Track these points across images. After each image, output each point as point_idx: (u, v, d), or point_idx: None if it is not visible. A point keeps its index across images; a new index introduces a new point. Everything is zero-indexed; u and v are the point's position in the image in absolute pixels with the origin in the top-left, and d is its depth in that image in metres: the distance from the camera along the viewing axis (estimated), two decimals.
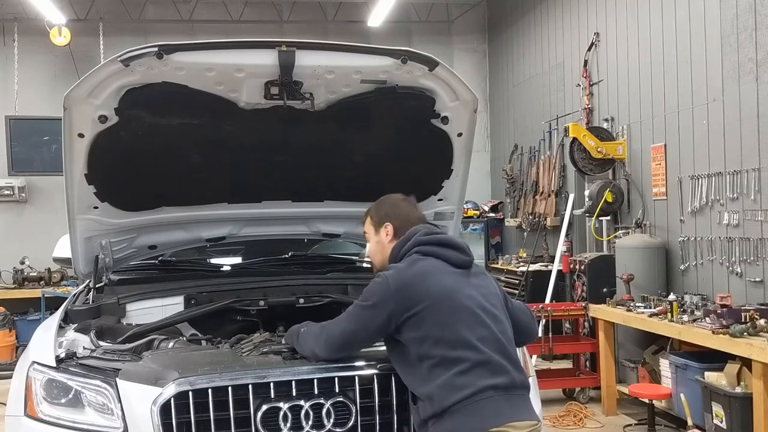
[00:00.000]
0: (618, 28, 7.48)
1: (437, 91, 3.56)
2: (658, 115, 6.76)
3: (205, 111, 3.52)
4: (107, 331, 3.48)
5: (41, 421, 2.92)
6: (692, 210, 6.21)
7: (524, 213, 9.52)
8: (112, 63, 3.16)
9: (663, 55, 6.67)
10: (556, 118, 8.77)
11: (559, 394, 6.89)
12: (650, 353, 6.33)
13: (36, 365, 3.04)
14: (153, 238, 4.22)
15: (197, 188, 4.00)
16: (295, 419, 2.80)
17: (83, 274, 4.11)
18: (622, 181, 7.30)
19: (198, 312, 3.85)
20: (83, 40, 10.04)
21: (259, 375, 2.81)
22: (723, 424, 4.92)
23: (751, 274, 5.57)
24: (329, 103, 3.54)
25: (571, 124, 7.35)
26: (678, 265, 6.43)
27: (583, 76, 8.04)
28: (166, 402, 2.72)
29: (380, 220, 3.02)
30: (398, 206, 3.04)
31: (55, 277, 9.52)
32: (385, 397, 2.87)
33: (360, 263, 5.16)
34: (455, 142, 3.80)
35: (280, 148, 3.84)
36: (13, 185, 9.88)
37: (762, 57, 5.42)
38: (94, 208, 3.76)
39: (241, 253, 5.15)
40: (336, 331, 2.80)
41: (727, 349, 4.79)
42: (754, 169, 5.50)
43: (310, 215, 4.40)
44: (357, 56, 3.41)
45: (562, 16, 8.75)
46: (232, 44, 3.27)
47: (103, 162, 3.52)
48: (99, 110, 3.31)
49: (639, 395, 5.90)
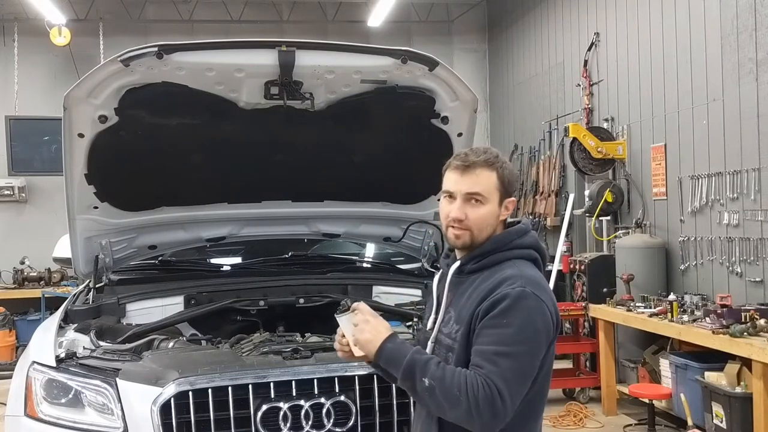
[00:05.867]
0: (618, 28, 7.47)
1: (437, 91, 3.56)
2: (658, 115, 6.76)
3: (205, 111, 3.52)
4: (107, 331, 3.48)
5: (41, 421, 2.92)
6: (692, 210, 6.20)
7: (524, 213, 9.51)
8: (112, 63, 3.16)
9: (663, 55, 6.67)
10: (556, 118, 8.77)
11: (559, 394, 6.89)
12: (650, 353, 6.33)
13: (36, 365, 3.05)
14: (153, 238, 4.22)
15: (197, 188, 4.00)
16: (295, 419, 2.80)
17: (83, 274, 4.11)
18: (622, 181, 7.29)
19: (198, 312, 3.85)
20: (83, 40, 10.03)
21: (259, 375, 2.82)
22: (723, 424, 4.92)
23: (751, 274, 5.57)
24: (329, 103, 3.55)
25: (571, 124, 7.35)
26: (678, 265, 6.43)
27: (583, 76, 8.03)
28: (166, 402, 2.73)
29: (509, 189, 2.16)
30: (517, 179, 2.37)
31: (55, 277, 9.51)
32: (385, 397, 2.87)
33: (360, 263, 5.17)
34: (455, 142, 3.80)
35: (280, 148, 3.84)
36: (13, 185, 9.87)
37: (762, 57, 5.42)
38: (94, 208, 3.77)
39: (241, 253, 5.15)
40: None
41: (727, 349, 4.79)
42: (754, 169, 5.50)
43: (310, 215, 4.40)
44: (357, 56, 3.41)
45: (562, 16, 8.75)
46: (232, 44, 3.28)
47: (103, 162, 3.53)
48: (99, 110, 3.32)
49: (639, 395, 5.90)
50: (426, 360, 2.00)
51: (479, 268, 2.11)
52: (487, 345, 1.95)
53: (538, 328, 1.97)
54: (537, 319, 1.98)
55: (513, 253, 2.12)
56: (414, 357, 2.00)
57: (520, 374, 1.95)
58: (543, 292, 2.02)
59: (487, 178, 2.11)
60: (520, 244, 2.13)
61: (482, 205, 2.10)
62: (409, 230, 4.40)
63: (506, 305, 1.96)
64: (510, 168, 2.16)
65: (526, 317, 1.96)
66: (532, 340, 1.96)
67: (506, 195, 2.13)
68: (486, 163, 2.11)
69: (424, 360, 2.00)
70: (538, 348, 1.99)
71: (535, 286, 2.02)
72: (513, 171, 2.17)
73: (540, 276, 2.10)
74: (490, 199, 2.10)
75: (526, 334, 1.95)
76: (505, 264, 2.09)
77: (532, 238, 2.17)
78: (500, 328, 1.95)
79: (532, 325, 1.96)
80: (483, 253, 2.12)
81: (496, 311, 1.97)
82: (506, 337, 1.94)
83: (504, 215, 2.14)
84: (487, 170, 2.11)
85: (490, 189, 2.11)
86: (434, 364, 1.98)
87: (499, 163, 2.13)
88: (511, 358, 1.93)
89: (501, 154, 2.17)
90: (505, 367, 1.92)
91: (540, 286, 2.03)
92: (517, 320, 1.95)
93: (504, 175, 2.12)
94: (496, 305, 1.97)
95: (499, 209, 2.13)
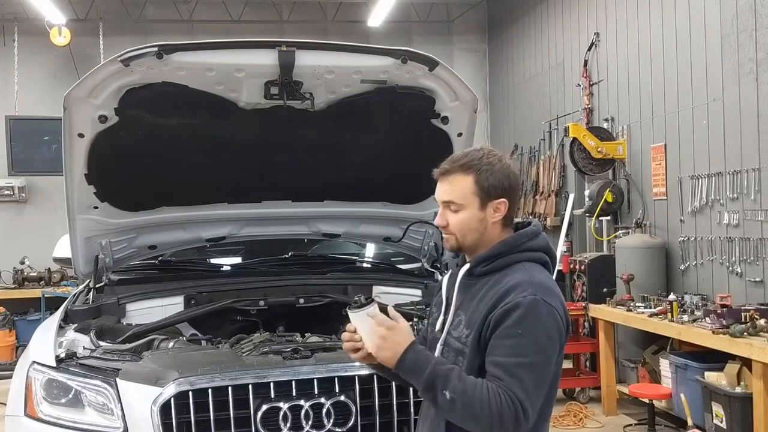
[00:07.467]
0: (618, 28, 7.47)
1: (437, 91, 3.56)
2: (658, 115, 6.76)
3: (205, 111, 3.52)
4: (107, 331, 3.48)
5: (41, 421, 2.92)
6: (692, 210, 6.20)
7: (524, 213, 9.51)
8: (112, 63, 3.16)
9: (663, 55, 6.67)
10: (556, 118, 8.77)
11: (559, 393, 6.86)
12: (650, 353, 6.33)
13: (36, 365, 3.05)
14: (153, 238, 4.22)
15: (197, 188, 4.00)
16: (295, 419, 2.80)
17: (83, 274, 4.11)
18: (622, 181, 7.29)
19: (198, 312, 3.85)
20: (83, 40, 10.03)
21: (259, 375, 2.82)
22: (723, 424, 4.92)
23: (751, 274, 5.57)
24: (329, 103, 3.55)
25: (571, 124, 7.35)
26: (678, 265, 6.43)
27: (583, 76, 8.03)
28: (166, 402, 2.73)
29: (491, 192, 2.09)
30: (514, 177, 2.15)
31: (55, 277, 9.51)
32: (385, 397, 2.87)
33: (360, 263, 5.17)
34: (455, 142, 3.80)
35: (280, 148, 3.84)
36: (13, 185, 9.86)
37: (762, 57, 5.42)
38: (94, 208, 3.77)
39: (241, 253, 5.15)
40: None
41: (727, 349, 4.79)
42: (754, 169, 5.50)
43: (310, 215, 4.40)
44: (357, 56, 3.41)
45: (562, 16, 8.75)
46: (232, 44, 3.28)
47: (103, 162, 3.53)
48: (99, 110, 3.32)
49: (639, 395, 5.90)
50: (447, 372, 1.97)
51: (489, 271, 2.10)
52: (506, 357, 1.95)
53: (551, 335, 1.98)
54: (550, 326, 1.98)
55: (524, 256, 2.10)
56: (436, 369, 1.97)
57: (540, 384, 1.96)
58: (553, 298, 2.02)
59: (461, 185, 2.08)
60: (531, 247, 2.12)
61: (459, 211, 2.09)
62: (409, 230, 4.39)
63: (519, 315, 1.96)
64: (499, 168, 2.09)
65: (540, 326, 1.96)
66: (547, 349, 1.97)
67: (488, 197, 2.08)
68: (462, 167, 2.09)
69: (445, 372, 1.97)
70: (553, 355, 2.00)
71: (546, 292, 2.01)
72: (504, 170, 2.10)
73: (550, 280, 2.09)
74: (467, 205, 2.08)
75: (541, 343, 1.96)
76: (515, 267, 2.07)
77: (543, 240, 2.16)
78: (516, 339, 1.95)
79: (546, 333, 1.97)
80: (493, 256, 2.10)
81: (510, 321, 1.96)
82: (523, 348, 1.94)
83: (495, 217, 2.10)
84: (462, 175, 2.09)
85: (465, 195, 2.08)
86: (455, 377, 1.96)
87: (478, 165, 2.08)
88: (531, 369, 1.93)
89: (490, 155, 2.11)
90: (526, 379, 1.92)
91: (550, 292, 2.03)
92: (532, 329, 1.95)
93: (484, 178, 2.07)
94: (509, 315, 1.97)
95: (483, 212, 2.09)
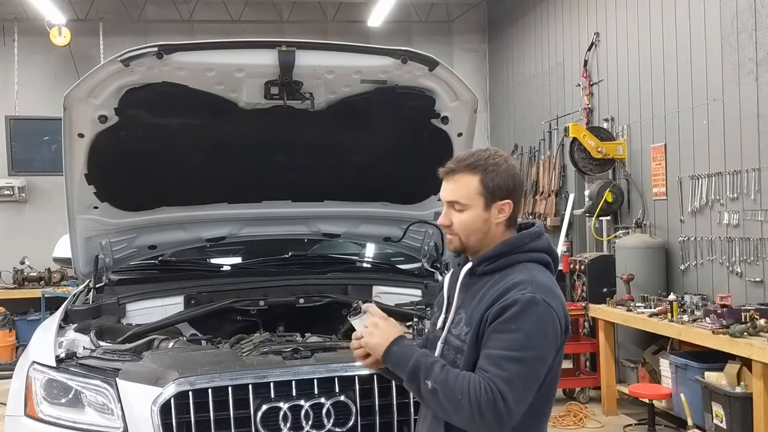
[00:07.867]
0: (618, 28, 7.47)
1: (437, 91, 3.56)
2: (658, 115, 6.76)
3: (205, 111, 3.52)
4: (107, 331, 3.48)
5: (41, 421, 2.92)
6: (692, 210, 6.20)
7: (524, 213, 9.51)
8: (112, 63, 3.16)
9: (663, 55, 6.67)
10: (556, 118, 8.77)
11: (559, 393, 6.87)
12: (650, 353, 6.33)
13: (36, 365, 3.05)
14: (153, 238, 4.22)
15: (197, 188, 4.00)
16: (295, 419, 2.80)
17: (83, 274, 4.11)
18: (622, 181, 7.29)
19: (198, 312, 3.85)
20: (83, 40, 10.03)
21: (259, 375, 2.82)
22: (723, 424, 4.92)
23: (751, 274, 5.57)
24: (329, 103, 3.55)
25: (571, 124, 7.35)
26: (678, 265, 6.43)
27: (583, 76, 8.03)
28: (166, 402, 2.73)
29: (496, 192, 2.08)
30: (519, 178, 2.14)
31: (55, 277, 9.51)
32: (385, 397, 2.87)
33: (360, 263, 5.17)
34: (455, 142, 3.80)
35: (280, 148, 3.84)
36: (13, 185, 9.87)
37: (762, 57, 5.42)
38: (94, 208, 3.77)
39: (241, 253, 5.15)
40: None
41: (727, 349, 4.79)
42: (754, 169, 5.50)
43: (310, 215, 4.40)
44: (357, 56, 3.41)
45: (562, 16, 8.75)
46: (232, 44, 3.28)
47: (103, 162, 3.53)
48: (99, 110, 3.32)
49: (639, 395, 5.90)
50: (431, 363, 1.99)
51: (491, 270, 2.10)
52: (494, 349, 1.94)
53: (547, 334, 1.96)
54: (546, 325, 1.96)
55: (526, 256, 2.09)
56: (419, 360, 1.99)
57: (526, 379, 1.93)
58: (553, 298, 2.00)
59: (466, 184, 2.08)
60: (533, 248, 2.11)
61: (463, 211, 2.08)
62: (409, 230, 4.40)
63: (516, 311, 1.94)
64: (505, 169, 2.09)
65: (535, 323, 1.94)
66: (540, 347, 1.95)
67: (494, 198, 2.07)
68: (468, 167, 2.08)
69: (429, 363, 1.99)
70: (546, 354, 1.98)
71: (546, 292, 2.00)
72: (509, 171, 2.09)
73: (551, 280, 2.08)
74: (472, 205, 2.07)
75: (534, 341, 1.94)
76: (517, 267, 2.07)
77: (545, 241, 2.15)
78: (509, 333, 1.94)
79: (541, 332, 1.95)
80: (495, 255, 2.10)
81: (506, 316, 1.96)
82: (514, 342, 1.93)
83: (499, 218, 2.09)
84: (468, 175, 2.08)
85: (469, 195, 2.07)
86: (438, 367, 1.97)
87: (485, 165, 2.07)
88: (518, 362, 1.91)
89: (495, 155, 2.11)
90: (511, 371, 1.90)
91: (550, 292, 2.02)
92: (526, 326, 1.94)
93: (489, 179, 2.06)
94: (506, 310, 1.96)
95: (487, 213, 2.08)
